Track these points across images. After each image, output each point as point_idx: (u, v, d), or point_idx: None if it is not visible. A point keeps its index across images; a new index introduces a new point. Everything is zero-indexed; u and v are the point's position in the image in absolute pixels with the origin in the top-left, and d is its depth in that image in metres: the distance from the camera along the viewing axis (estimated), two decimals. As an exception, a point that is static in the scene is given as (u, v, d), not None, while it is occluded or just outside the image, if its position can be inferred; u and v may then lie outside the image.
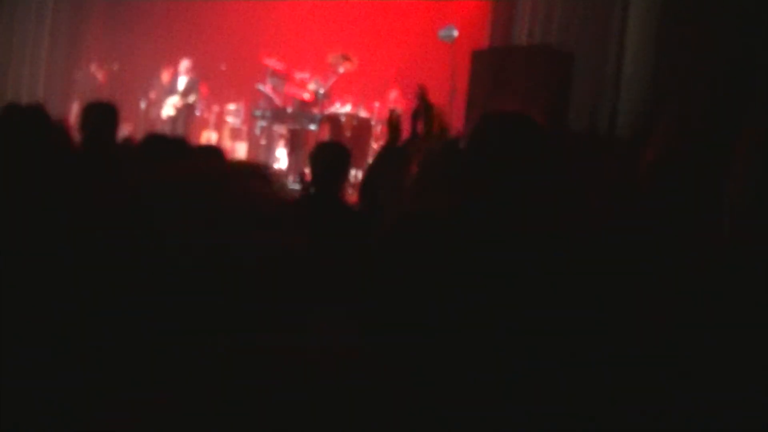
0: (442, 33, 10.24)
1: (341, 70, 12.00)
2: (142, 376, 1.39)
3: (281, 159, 12.10)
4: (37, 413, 1.71)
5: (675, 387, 1.95)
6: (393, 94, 12.83)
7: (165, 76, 13.72)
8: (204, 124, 14.16)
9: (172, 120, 13.15)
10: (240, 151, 13.27)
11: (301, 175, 5.45)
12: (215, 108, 14.14)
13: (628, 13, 7.85)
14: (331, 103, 12.07)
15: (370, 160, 11.38)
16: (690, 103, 6.61)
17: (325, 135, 11.34)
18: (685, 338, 2.05)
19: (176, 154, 3.24)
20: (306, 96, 12.30)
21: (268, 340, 1.34)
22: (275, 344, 1.32)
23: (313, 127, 11.15)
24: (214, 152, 4.56)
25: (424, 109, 3.76)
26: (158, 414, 1.32)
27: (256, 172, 1.53)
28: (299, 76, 12.66)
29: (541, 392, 1.96)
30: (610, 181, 3.40)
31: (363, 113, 11.75)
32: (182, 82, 13.36)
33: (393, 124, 4.02)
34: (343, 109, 11.83)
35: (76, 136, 5.34)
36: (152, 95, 13.70)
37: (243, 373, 1.27)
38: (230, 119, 13.97)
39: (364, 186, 4.82)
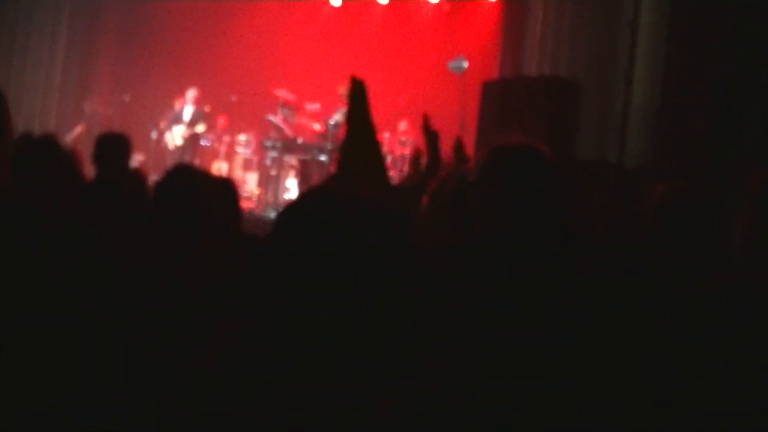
0: (452, 64, 10.28)
1: (352, 101, 12.03)
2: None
3: (291, 190, 12.13)
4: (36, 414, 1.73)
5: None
6: (403, 125, 12.85)
7: (176, 106, 13.79)
8: (215, 155, 14.19)
9: (180, 150, 13.20)
10: (250, 181, 13.30)
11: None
12: (226, 139, 14.18)
13: (636, 44, 7.88)
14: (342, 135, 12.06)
15: (380, 190, 11.38)
16: (698, 135, 6.62)
17: (336, 166, 11.34)
18: (689, 373, 2.05)
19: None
20: (317, 127, 12.35)
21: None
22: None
23: (323, 157, 11.19)
24: (228, 184, 4.60)
25: (429, 138, 3.74)
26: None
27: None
28: (310, 107, 12.71)
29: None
30: (619, 212, 3.41)
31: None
32: (189, 111, 13.42)
33: (416, 160, 4.02)
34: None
35: (88, 165, 5.39)
36: (163, 125, 13.76)
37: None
38: (241, 150, 14.00)
39: None
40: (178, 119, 13.44)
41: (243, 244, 4.27)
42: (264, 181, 12.42)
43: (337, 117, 11.87)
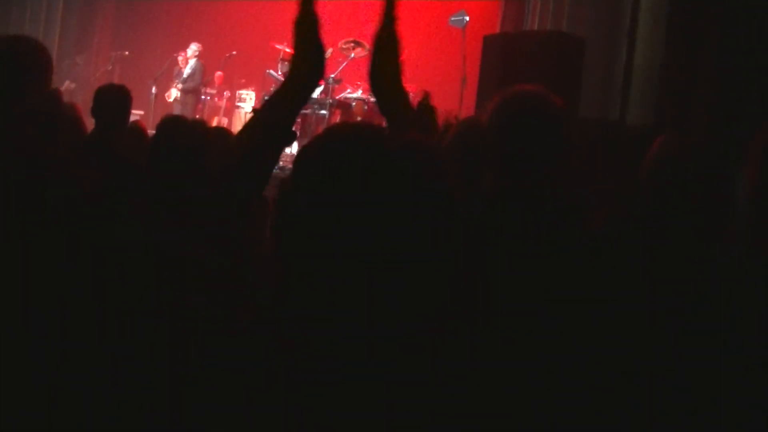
0: (453, 18, 10.21)
1: (352, 55, 11.98)
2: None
3: (292, 144, 12.07)
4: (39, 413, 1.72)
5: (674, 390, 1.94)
6: (401, 80, 12.79)
7: (174, 61, 13.74)
8: (215, 110, 14.17)
9: (181, 104, 13.18)
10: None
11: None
12: (226, 94, 14.14)
13: (640, 1, 7.81)
14: (342, 89, 12.06)
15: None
16: (701, 93, 6.58)
17: (336, 120, 11.33)
18: (688, 335, 2.04)
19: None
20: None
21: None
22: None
23: (323, 112, 11.13)
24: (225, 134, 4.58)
25: (426, 111, 3.69)
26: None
27: None
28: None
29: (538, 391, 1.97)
30: (621, 171, 3.39)
31: (373, 98, 11.70)
32: (190, 66, 13.39)
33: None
34: (353, 94, 11.81)
35: (88, 120, 5.35)
36: (162, 80, 13.71)
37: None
38: (241, 105, 13.97)
39: None
40: (180, 74, 13.41)
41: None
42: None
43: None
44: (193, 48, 13.47)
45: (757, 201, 2.10)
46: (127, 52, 14.93)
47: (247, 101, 13.98)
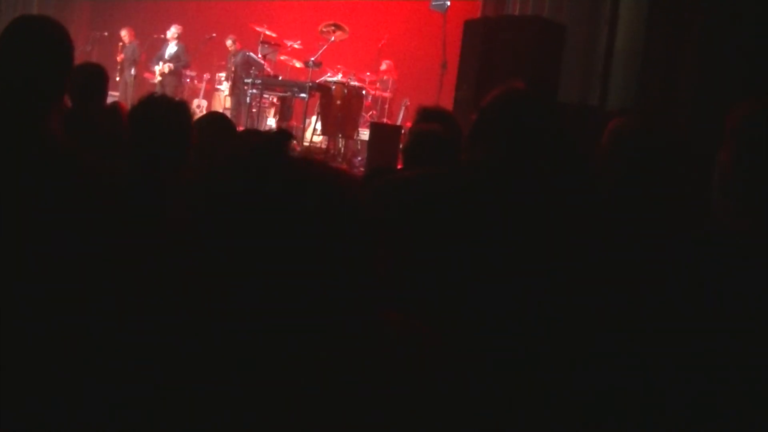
0: (434, 3, 10.20)
1: (333, 38, 11.94)
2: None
3: (271, 127, 12.06)
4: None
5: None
6: (384, 65, 12.79)
7: (154, 43, 13.68)
8: (195, 92, 14.10)
9: (161, 86, 13.10)
10: (229, 119, 13.21)
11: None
12: (206, 76, 14.08)
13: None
14: (323, 72, 12.03)
15: (360, 129, 11.33)
16: (681, 79, 6.60)
17: (316, 103, 11.32)
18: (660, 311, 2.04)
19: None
20: (297, 64, 12.27)
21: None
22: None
23: (303, 95, 11.10)
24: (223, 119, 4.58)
25: None
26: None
27: None
28: (290, 44, 12.60)
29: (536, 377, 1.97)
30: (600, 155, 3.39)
31: (354, 82, 11.68)
32: (170, 48, 13.31)
33: None
34: (333, 78, 11.78)
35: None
36: (141, 62, 13.65)
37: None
38: (220, 87, 13.92)
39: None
40: (160, 56, 13.33)
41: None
42: (243, 118, 12.34)
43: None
44: (173, 30, 13.40)
45: (732, 178, 2.10)
46: (106, 33, 14.81)
47: (226, 83, 13.94)
